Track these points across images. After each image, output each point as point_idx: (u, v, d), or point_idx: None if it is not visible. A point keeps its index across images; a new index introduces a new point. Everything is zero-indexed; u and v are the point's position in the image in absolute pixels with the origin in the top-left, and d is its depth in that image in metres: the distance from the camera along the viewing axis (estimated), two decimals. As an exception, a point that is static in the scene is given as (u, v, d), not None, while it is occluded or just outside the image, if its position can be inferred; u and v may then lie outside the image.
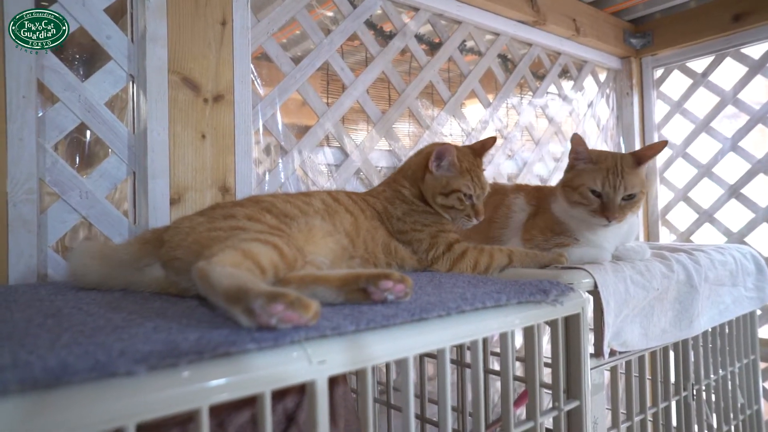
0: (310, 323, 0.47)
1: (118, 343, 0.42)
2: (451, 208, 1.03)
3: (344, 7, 1.53)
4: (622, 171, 1.02)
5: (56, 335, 0.46)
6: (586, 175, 1.03)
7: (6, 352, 0.39)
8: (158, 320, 0.52)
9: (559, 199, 1.08)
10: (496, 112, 1.94)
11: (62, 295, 0.76)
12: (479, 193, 1.05)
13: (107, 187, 1.10)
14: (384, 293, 0.60)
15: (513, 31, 1.95)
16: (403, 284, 0.61)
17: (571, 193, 1.04)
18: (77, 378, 0.34)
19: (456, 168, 1.03)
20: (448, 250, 0.98)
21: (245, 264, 0.57)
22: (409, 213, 1.02)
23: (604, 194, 1.02)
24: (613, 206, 1.01)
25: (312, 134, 1.42)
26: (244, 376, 0.41)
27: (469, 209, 1.04)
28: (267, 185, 1.30)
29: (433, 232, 1.00)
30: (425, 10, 1.71)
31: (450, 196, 1.02)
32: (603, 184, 1.02)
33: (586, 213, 1.03)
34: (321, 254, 0.79)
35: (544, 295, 0.71)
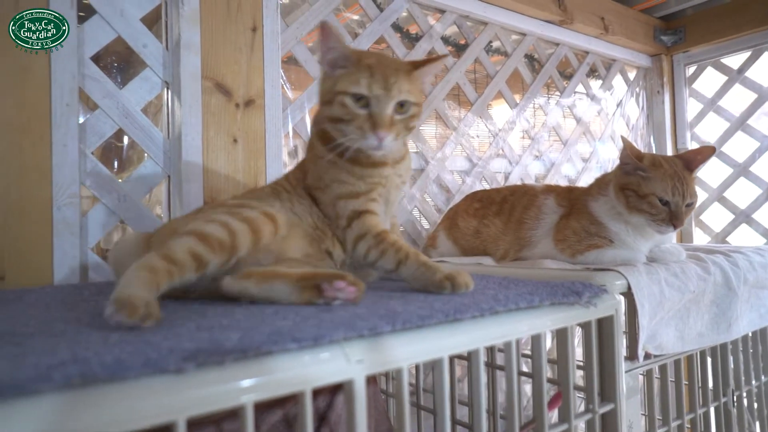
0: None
1: (165, 341, 0.43)
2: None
3: (371, 11, 1.55)
4: (684, 178, 1.02)
5: (105, 333, 0.48)
6: (654, 183, 1.01)
7: (63, 348, 0.41)
8: (199, 320, 0.54)
9: (601, 199, 1.07)
10: (523, 113, 1.93)
11: (104, 295, 0.78)
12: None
13: (143, 190, 1.14)
14: (336, 292, 0.62)
15: (540, 30, 1.93)
16: (355, 287, 0.63)
17: (637, 201, 1.02)
18: (131, 374, 0.36)
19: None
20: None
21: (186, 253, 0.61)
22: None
23: (672, 203, 1.01)
24: (680, 214, 1.01)
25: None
26: (286, 375, 0.42)
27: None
28: (297, 188, 1.32)
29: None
30: (451, 12, 1.72)
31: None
32: (673, 193, 1.01)
33: (649, 220, 1.02)
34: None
35: (577, 296, 0.71)
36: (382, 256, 0.77)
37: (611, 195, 1.06)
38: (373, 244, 0.78)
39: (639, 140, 2.34)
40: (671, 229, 1.01)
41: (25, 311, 0.65)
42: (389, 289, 0.76)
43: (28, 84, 0.97)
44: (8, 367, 0.35)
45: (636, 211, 1.02)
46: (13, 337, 0.47)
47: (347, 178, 0.82)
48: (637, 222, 1.03)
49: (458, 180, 1.75)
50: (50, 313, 0.63)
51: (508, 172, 1.88)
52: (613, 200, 1.06)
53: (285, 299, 0.64)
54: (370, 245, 0.78)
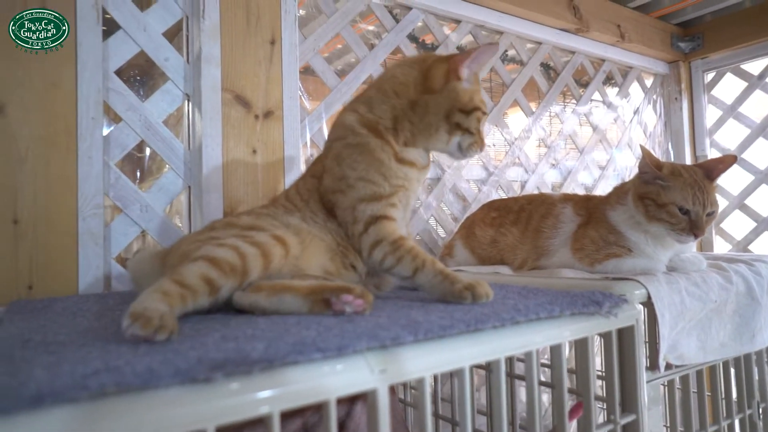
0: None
1: (192, 351, 0.44)
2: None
3: (387, 22, 1.56)
4: (704, 187, 1.01)
5: (134, 343, 0.49)
6: (674, 192, 1.01)
7: (95, 357, 0.42)
8: (223, 330, 0.55)
9: (620, 209, 1.06)
10: (539, 121, 1.93)
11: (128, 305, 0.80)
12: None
13: (165, 201, 1.16)
14: (344, 305, 0.63)
15: (555, 39, 1.93)
16: (363, 300, 0.64)
17: (656, 210, 1.01)
18: (162, 383, 0.37)
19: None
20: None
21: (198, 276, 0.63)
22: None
23: (693, 212, 1.00)
24: (701, 223, 1.00)
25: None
26: (311, 384, 0.42)
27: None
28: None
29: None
30: (467, 22, 1.73)
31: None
32: (693, 202, 1.00)
33: (668, 230, 1.01)
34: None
35: (597, 306, 0.70)
36: (399, 262, 0.77)
37: (630, 204, 1.06)
38: (390, 250, 0.78)
39: (657, 148, 2.32)
40: (692, 239, 1.00)
41: (55, 320, 0.66)
42: (409, 299, 0.76)
43: (56, 99, 1.00)
44: (46, 376, 0.36)
45: (655, 220, 1.01)
46: (46, 346, 0.49)
47: (374, 176, 0.81)
48: (656, 231, 1.02)
49: (474, 189, 1.75)
50: (78, 322, 0.65)
51: (524, 181, 1.88)
52: (632, 209, 1.05)
53: (295, 312, 0.65)
54: (386, 252, 0.78)
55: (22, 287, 0.94)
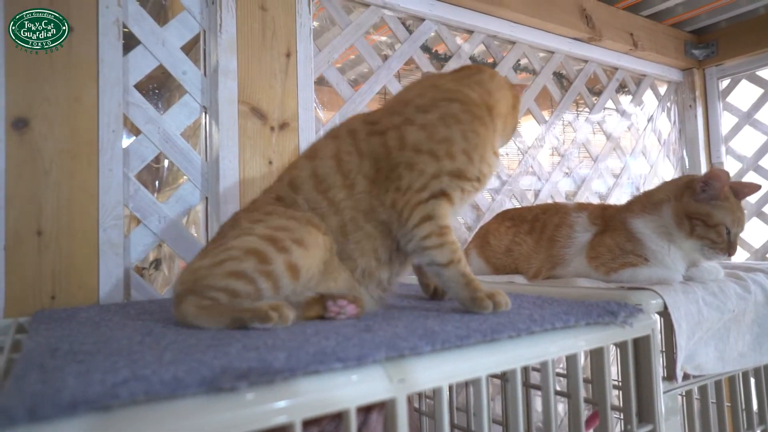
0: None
1: (216, 360, 0.46)
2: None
3: (400, 33, 1.58)
4: (742, 207, 1.02)
5: (158, 352, 0.51)
6: (724, 213, 1.00)
7: (122, 366, 0.44)
8: (244, 340, 0.56)
9: (647, 217, 1.05)
10: (552, 130, 1.93)
11: (149, 314, 0.82)
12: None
13: (182, 211, 1.18)
14: (339, 309, 0.69)
15: (568, 48, 1.94)
16: (355, 305, 0.71)
17: (704, 230, 1.00)
18: (189, 391, 0.38)
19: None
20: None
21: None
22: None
23: (733, 233, 1.01)
24: (736, 243, 1.02)
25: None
26: (332, 394, 0.43)
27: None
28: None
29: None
30: (479, 33, 1.74)
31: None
32: (738, 223, 1.01)
33: (707, 248, 1.01)
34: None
35: (613, 316, 0.70)
36: (440, 247, 0.75)
37: (667, 218, 1.04)
38: (437, 231, 0.75)
39: (671, 155, 2.31)
40: (725, 257, 1.01)
41: (79, 330, 0.68)
42: (425, 309, 0.77)
43: (79, 114, 1.03)
44: (79, 384, 0.38)
45: (698, 238, 1.01)
46: (74, 355, 0.50)
47: (476, 155, 0.78)
48: (690, 247, 1.02)
49: (488, 198, 1.75)
50: (102, 331, 0.66)
51: (537, 190, 1.87)
52: (668, 224, 1.03)
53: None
54: (433, 230, 0.75)
55: (46, 297, 0.96)
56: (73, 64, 1.03)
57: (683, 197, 1.04)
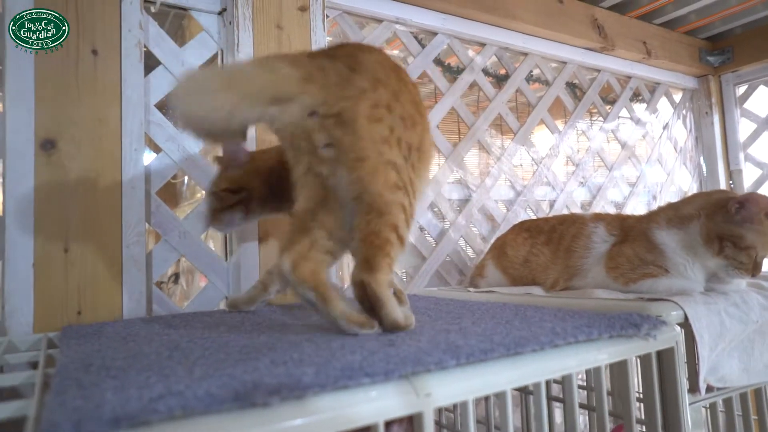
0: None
1: (246, 375, 0.47)
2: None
3: (413, 47, 1.60)
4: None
5: (188, 367, 0.52)
6: (757, 237, 0.99)
7: (155, 381, 0.45)
8: (271, 354, 0.57)
9: (673, 230, 1.04)
10: (566, 139, 1.93)
11: (173, 329, 0.83)
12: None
13: (202, 227, 1.20)
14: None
15: (580, 58, 1.95)
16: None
17: (734, 251, 0.99)
18: (224, 407, 0.39)
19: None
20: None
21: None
22: None
23: (760, 256, 1.00)
24: (761, 265, 1.00)
25: (386, 170, 1.48)
26: (361, 408, 0.44)
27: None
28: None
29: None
30: (491, 45, 1.75)
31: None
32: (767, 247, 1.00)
33: (732, 268, 1.00)
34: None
35: (636, 329, 0.70)
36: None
37: (695, 235, 1.02)
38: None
39: (688, 162, 2.29)
40: (748, 278, 1.00)
41: (108, 345, 0.70)
42: (446, 322, 0.78)
43: (103, 134, 1.05)
44: (117, 400, 0.39)
45: (726, 258, 1.00)
46: (107, 370, 0.51)
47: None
48: (715, 265, 1.01)
49: (503, 209, 1.75)
50: (130, 346, 0.68)
51: (552, 200, 1.87)
52: (695, 240, 1.02)
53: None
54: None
55: (72, 313, 0.98)
56: (98, 86, 1.06)
57: (715, 216, 1.02)
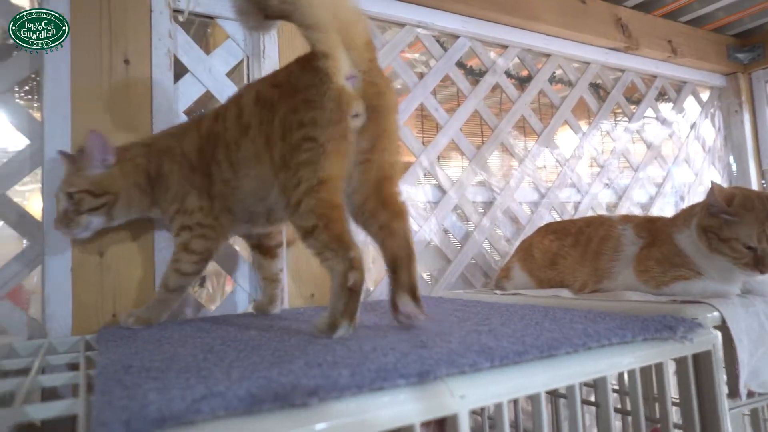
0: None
1: (282, 377, 0.47)
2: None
3: (435, 51, 1.60)
4: None
5: (225, 369, 0.53)
6: (737, 228, 0.95)
7: (196, 383, 0.46)
8: (304, 357, 0.57)
9: (686, 232, 1.03)
10: (590, 140, 1.90)
11: (205, 332, 0.85)
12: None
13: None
14: None
15: (604, 58, 1.92)
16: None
17: (718, 244, 0.97)
18: (264, 407, 0.40)
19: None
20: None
21: None
22: None
23: (759, 249, 0.95)
24: (765, 260, 0.95)
25: (410, 174, 1.48)
26: (397, 410, 0.44)
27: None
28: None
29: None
30: (514, 47, 1.75)
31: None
32: (759, 239, 0.94)
33: (731, 263, 0.97)
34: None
35: (671, 331, 0.69)
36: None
37: (694, 232, 1.02)
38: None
39: (717, 162, 2.24)
40: (757, 274, 0.95)
41: (144, 347, 0.71)
42: (475, 323, 0.77)
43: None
44: (161, 400, 0.40)
45: (717, 252, 0.97)
46: (148, 372, 0.53)
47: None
48: (719, 263, 0.98)
49: (527, 211, 1.74)
50: (165, 348, 0.69)
51: (577, 201, 1.85)
52: (694, 238, 1.02)
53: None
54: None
55: (107, 315, 1.01)
56: (130, 95, 1.08)
57: (702, 211, 1.02)
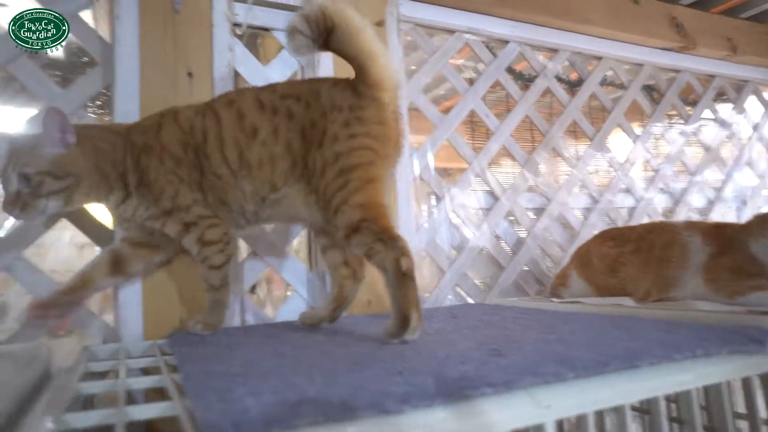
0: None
1: (369, 383, 0.48)
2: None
3: (485, 56, 1.59)
4: None
5: (306, 375, 0.53)
6: None
7: (285, 389, 0.47)
8: (381, 364, 0.58)
9: (762, 240, 0.99)
10: (644, 144, 1.85)
11: (269, 338, 0.87)
12: None
13: (288, 239, 1.24)
14: None
15: (657, 59, 1.87)
16: None
17: None
18: (358, 414, 0.40)
19: None
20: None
21: None
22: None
23: None
24: None
25: (463, 181, 1.48)
26: (487, 418, 0.44)
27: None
28: (425, 232, 1.37)
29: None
30: (564, 50, 1.72)
31: None
32: None
33: None
34: None
35: (759, 345, 0.66)
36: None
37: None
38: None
39: (781, 164, 2.13)
40: None
41: (216, 352, 0.73)
42: (539, 332, 0.76)
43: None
44: (261, 405, 0.41)
45: None
46: (232, 377, 0.54)
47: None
48: None
49: (579, 216, 1.70)
50: (240, 354, 0.71)
51: (631, 207, 1.80)
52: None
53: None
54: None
55: (175, 320, 1.04)
56: (195, 106, 1.12)
57: None
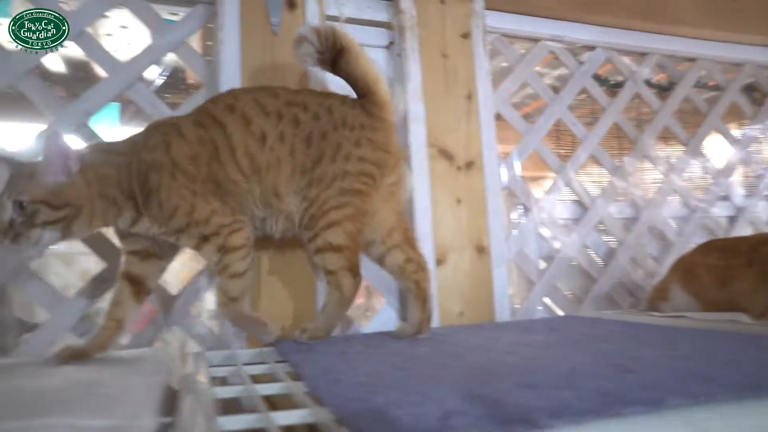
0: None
1: (508, 398, 0.47)
2: None
3: (570, 64, 1.56)
4: None
5: (435, 386, 0.54)
6: None
7: (422, 400, 0.47)
8: (510, 377, 0.57)
9: None
10: (745, 148, 1.73)
11: (373, 347, 0.88)
12: None
13: (377, 250, 1.26)
14: None
15: (760, 57, 1.75)
16: None
17: None
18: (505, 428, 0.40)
19: None
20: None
21: None
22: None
23: None
24: None
25: (551, 190, 1.44)
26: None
27: None
28: (513, 242, 1.35)
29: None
30: (653, 54, 1.65)
31: None
32: None
33: None
34: None
35: None
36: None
37: None
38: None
39: None
40: None
41: (328, 360, 0.75)
42: (659, 347, 0.72)
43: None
44: (408, 415, 0.42)
45: None
46: (363, 387, 0.55)
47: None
48: None
49: (674, 227, 1.61)
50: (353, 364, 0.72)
51: (731, 216, 1.68)
52: None
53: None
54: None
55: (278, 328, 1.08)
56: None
57: None
